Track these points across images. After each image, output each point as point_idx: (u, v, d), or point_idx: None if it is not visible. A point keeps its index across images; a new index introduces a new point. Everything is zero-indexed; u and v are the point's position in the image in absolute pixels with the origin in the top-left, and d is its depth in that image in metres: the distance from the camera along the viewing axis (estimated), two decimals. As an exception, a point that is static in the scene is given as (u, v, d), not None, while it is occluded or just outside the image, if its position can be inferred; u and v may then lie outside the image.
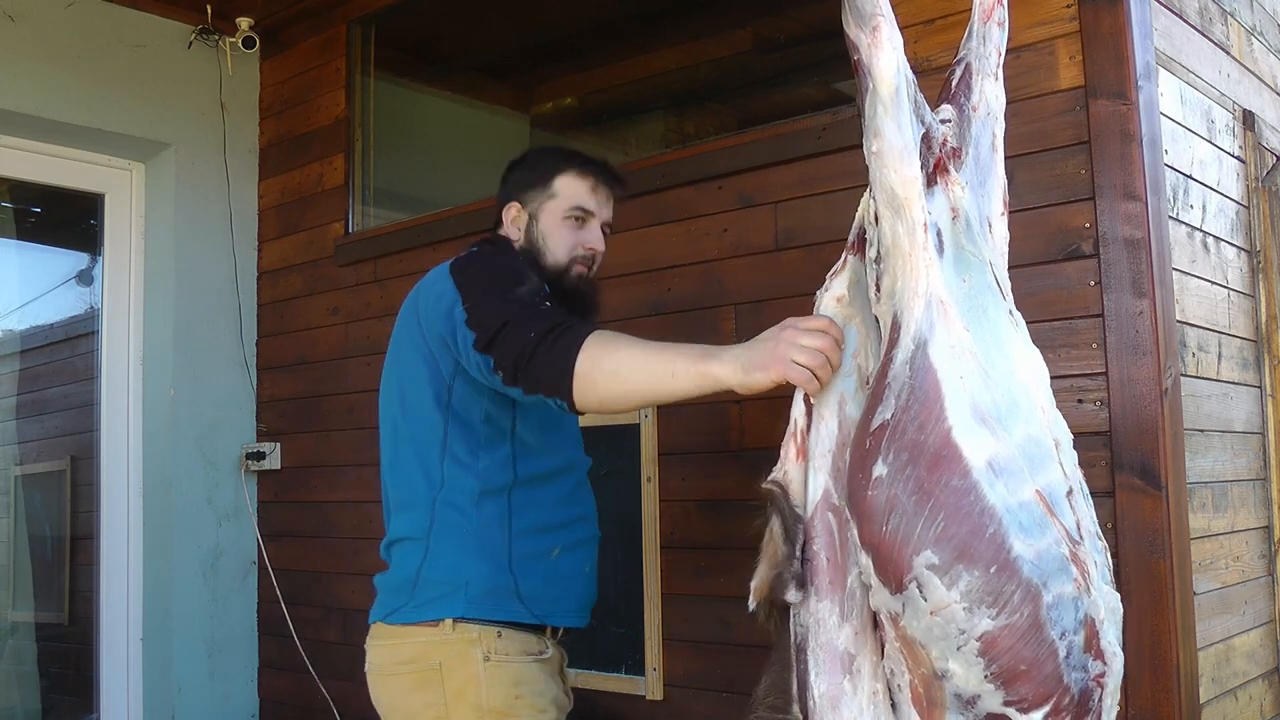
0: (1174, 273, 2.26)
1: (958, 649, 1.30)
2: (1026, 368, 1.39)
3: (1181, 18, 2.49)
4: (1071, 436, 1.41)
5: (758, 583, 1.47)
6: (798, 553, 1.43)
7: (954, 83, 1.53)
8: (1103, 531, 2.07)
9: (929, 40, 2.44)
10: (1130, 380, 2.13)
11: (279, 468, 3.86)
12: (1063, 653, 1.28)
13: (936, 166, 1.44)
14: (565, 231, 2.01)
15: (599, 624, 2.25)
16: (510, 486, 1.88)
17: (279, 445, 3.87)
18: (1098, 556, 1.36)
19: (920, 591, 1.30)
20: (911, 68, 2.41)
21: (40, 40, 3.51)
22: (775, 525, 1.45)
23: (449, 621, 1.83)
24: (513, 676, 1.85)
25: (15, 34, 3.46)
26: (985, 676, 1.29)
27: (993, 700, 1.30)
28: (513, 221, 2.05)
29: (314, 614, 3.73)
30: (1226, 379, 2.52)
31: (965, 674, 1.30)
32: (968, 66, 1.53)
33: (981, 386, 1.33)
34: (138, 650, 3.77)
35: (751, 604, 1.47)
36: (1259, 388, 2.71)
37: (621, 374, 1.62)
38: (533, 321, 1.72)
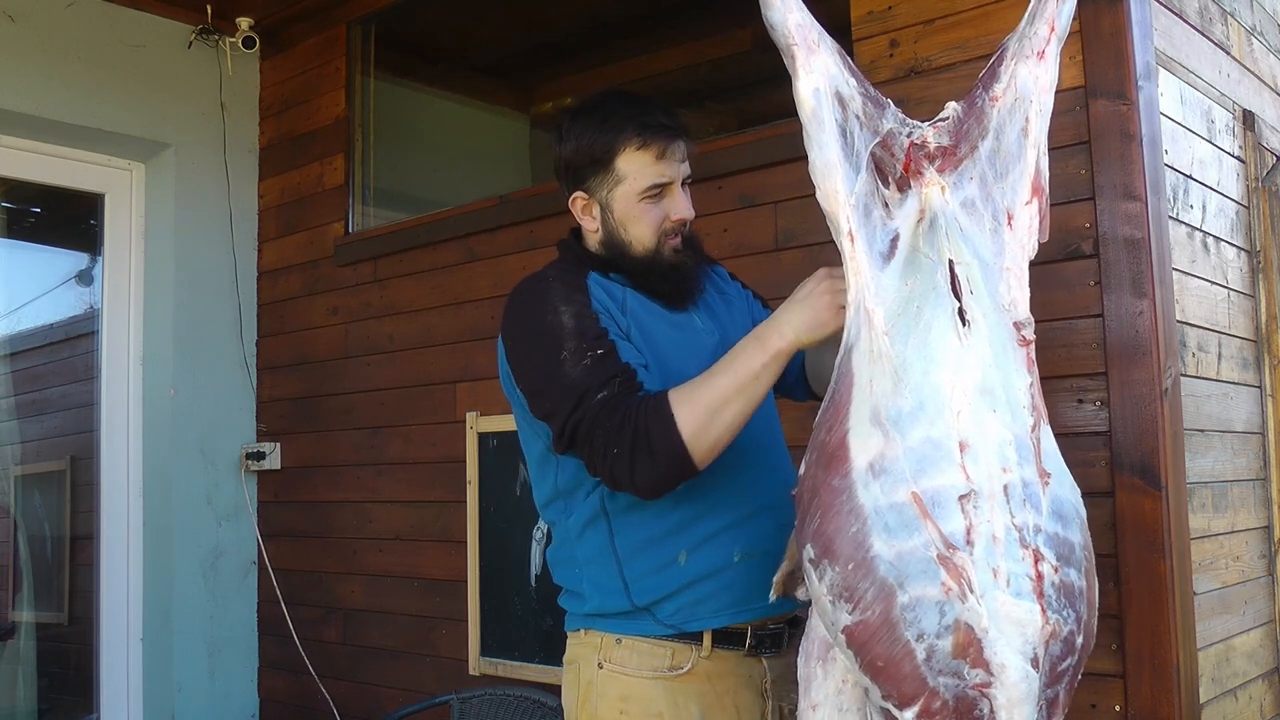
0: (1174, 273, 2.26)
1: (835, 640, 1.37)
2: (951, 369, 1.37)
3: (1181, 18, 2.49)
4: (1011, 438, 1.36)
5: (777, 577, 1.57)
6: None
7: (981, 74, 1.53)
8: (1103, 531, 2.07)
9: (929, 40, 2.44)
10: (1130, 380, 2.13)
11: (279, 468, 3.86)
12: (921, 654, 1.28)
13: (906, 170, 1.45)
14: (645, 213, 1.79)
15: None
16: (603, 514, 1.76)
17: (279, 445, 3.87)
18: (1008, 565, 1.30)
19: (808, 582, 1.39)
20: (911, 68, 2.43)
21: (40, 40, 3.51)
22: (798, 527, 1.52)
23: (582, 630, 1.81)
24: (620, 690, 1.72)
25: (15, 34, 3.46)
26: (859, 669, 1.35)
27: (875, 694, 1.35)
28: (584, 212, 1.83)
29: (314, 614, 3.73)
30: (1226, 379, 2.52)
31: (849, 665, 1.37)
32: (1002, 53, 1.52)
33: (889, 390, 1.36)
34: (138, 650, 3.77)
35: (772, 597, 1.56)
36: (1259, 388, 2.71)
37: (723, 415, 1.58)
38: (603, 420, 1.60)
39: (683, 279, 1.83)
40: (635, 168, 1.78)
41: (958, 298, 1.40)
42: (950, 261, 1.42)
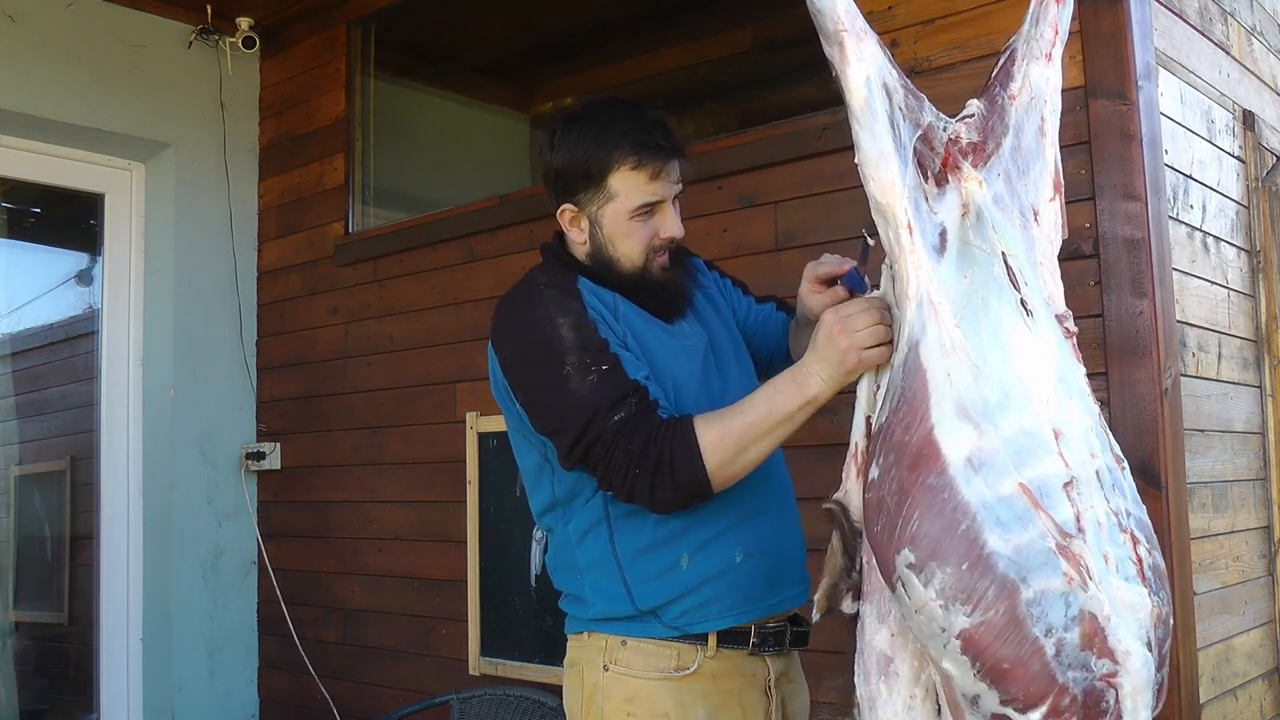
0: (1174, 273, 2.26)
1: (944, 647, 1.29)
2: (1029, 359, 1.37)
3: (1181, 18, 2.49)
4: (1092, 424, 1.37)
5: (819, 595, 1.52)
6: (856, 565, 1.47)
7: (993, 73, 1.52)
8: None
9: (929, 40, 2.44)
10: (1130, 380, 2.13)
11: (279, 468, 3.86)
12: (1050, 650, 1.25)
13: (944, 165, 1.44)
14: (635, 230, 1.76)
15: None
16: (604, 520, 1.75)
17: (279, 445, 3.87)
18: (1114, 550, 1.30)
19: (905, 590, 1.31)
20: (911, 68, 2.43)
21: (40, 40, 3.51)
22: (835, 540, 1.49)
23: (585, 633, 1.79)
24: (626, 692, 1.71)
25: (15, 34, 3.46)
26: (975, 675, 1.28)
27: (991, 700, 1.28)
28: (571, 224, 1.80)
29: (314, 614, 3.73)
30: (1226, 379, 2.52)
31: (959, 673, 1.30)
32: (1012, 53, 1.52)
33: (970, 383, 1.33)
34: (138, 650, 3.77)
35: (816, 615, 1.52)
36: (1259, 388, 2.71)
37: (750, 452, 1.60)
38: (623, 442, 1.60)
39: (670, 297, 1.82)
40: (628, 187, 1.74)
41: (1017, 289, 1.40)
42: (1003, 254, 1.42)
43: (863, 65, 1.36)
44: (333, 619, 3.68)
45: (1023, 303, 1.40)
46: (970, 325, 1.37)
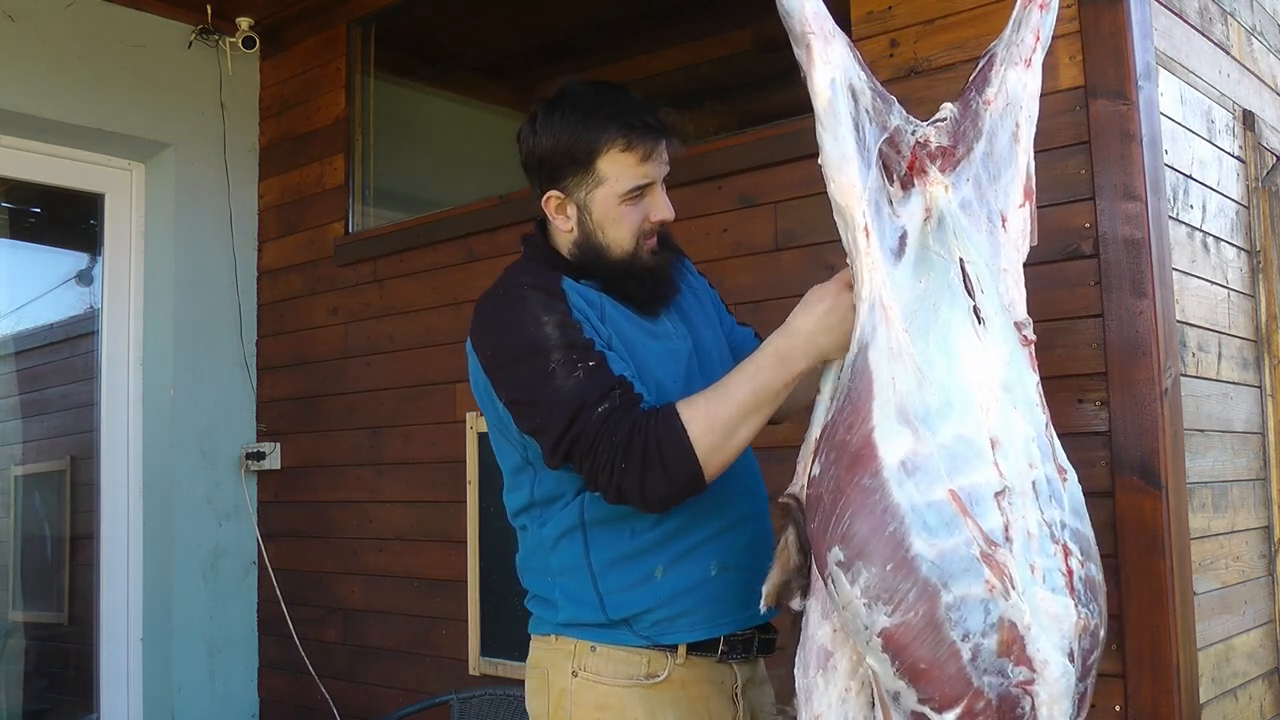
0: (1174, 273, 2.26)
1: (867, 644, 1.33)
2: (975, 366, 1.38)
3: (1181, 18, 2.49)
4: (1034, 434, 1.38)
5: (769, 588, 1.52)
6: (809, 561, 1.47)
7: (971, 78, 1.53)
8: (1103, 531, 2.07)
9: (929, 40, 2.44)
10: (1130, 380, 2.13)
11: (279, 468, 3.86)
12: (967, 655, 1.27)
13: (910, 168, 1.45)
14: (626, 215, 1.71)
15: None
16: (580, 527, 1.72)
17: (279, 445, 3.87)
18: (1043, 560, 1.32)
19: (834, 586, 1.34)
20: (911, 68, 2.43)
21: (40, 40, 3.51)
22: (790, 535, 1.50)
23: (553, 635, 1.77)
24: (597, 699, 1.69)
25: (15, 34, 3.46)
26: (894, 673, 1.31)
27: (909, 698, 1.31)
28: (557, 211, 1.74)
29: (314, 614, 3.73)
30: (1226, 379, 2.52)
31: (880, 669, 1.33)
32: (991, 58, 1.53)
33: (913, 387, 1.35)
34: (138, 650, 3.77)
35: (762, 608, 1.52)
36: (1259, 388, 2.71)
37: (741, 432, 1.55)
38: (607, 434, 1.55)
39: (659, 284, 1.78)
40: (618, 170, 1.70)
41: (971, 296, 1.41)
42: (961, 260, 1.42)
43: (828, 68, 1.39)
44: (333, 619, 3.68)
45: (975, 310, 1.41)
46: (919, 330, 1.39)
